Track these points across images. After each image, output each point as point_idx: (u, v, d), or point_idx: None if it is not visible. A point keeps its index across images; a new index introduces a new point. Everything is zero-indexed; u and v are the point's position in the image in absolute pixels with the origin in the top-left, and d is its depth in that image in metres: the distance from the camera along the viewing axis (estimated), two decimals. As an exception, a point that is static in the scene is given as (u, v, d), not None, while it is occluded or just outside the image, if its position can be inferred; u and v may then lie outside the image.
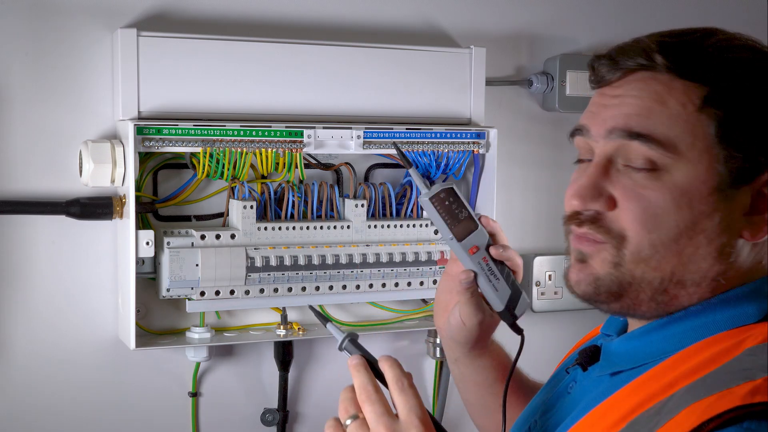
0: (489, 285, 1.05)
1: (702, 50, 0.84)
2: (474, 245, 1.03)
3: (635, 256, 0.83)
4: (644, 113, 0.83)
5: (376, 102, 1.56)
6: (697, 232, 0.82)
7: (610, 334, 0.96)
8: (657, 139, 0.82)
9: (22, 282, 1.45)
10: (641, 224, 0.82)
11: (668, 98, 0.83)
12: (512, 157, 1.73)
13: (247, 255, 1.45)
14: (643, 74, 0.85)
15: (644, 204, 0.82)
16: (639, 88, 0.85)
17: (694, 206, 0.82)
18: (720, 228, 0.82)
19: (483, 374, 1.16)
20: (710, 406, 0.73)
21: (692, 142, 0.82)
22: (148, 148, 1.40)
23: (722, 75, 0.83)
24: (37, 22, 1.42)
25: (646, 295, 0.84)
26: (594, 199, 0.84)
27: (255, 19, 1.55)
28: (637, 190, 0.83)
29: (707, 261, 0.83)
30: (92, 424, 1.51)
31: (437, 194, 1.03)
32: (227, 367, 1.60)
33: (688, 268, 0.83)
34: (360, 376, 0.91)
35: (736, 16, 1.84)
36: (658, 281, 0.83)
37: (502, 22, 1.73)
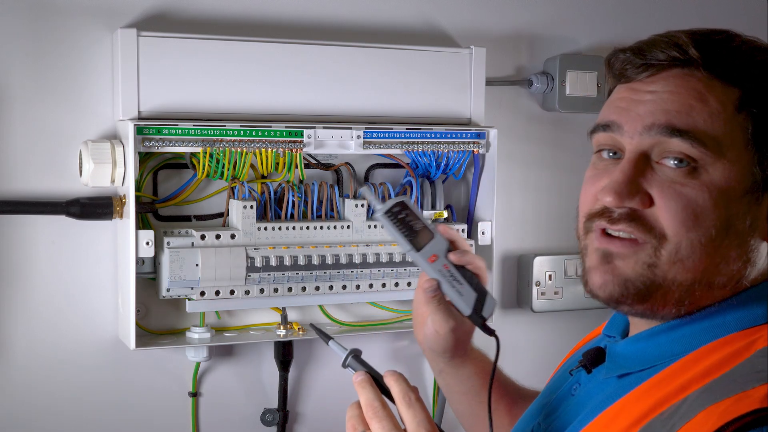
0: (453, 290, 1.05)
1: (734, 51, 0.83)
2: (433, 254, 1.05)
3: (673, 256, 0.81)
4: (685, 110, 0.81)
5: (376, 102, 1.56)
6: (730, 233, 0.81)
7: (614, 336, 0.95)
8: (699, 137, 0.80)
9: (22, 282, 1.45)
10: (681, 223, 0.81)
11: (708, 96, 0.82)
12: (512, 157, 1.73)
13: (247, 255, 1.45)
14: (678, 71, 0.83)
15: (684, 202, 0.81)
16: (677, 84, 0.83)
17: (730, 206, 0.81)
18: (750, 230, 0.82)
19: (467, 383, 1.16)
20: (728, 409, 0.73)
21: (731, 141, 0.81)
22: (148, 148, 1.40)
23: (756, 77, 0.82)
24: (37, 22, 1.42)
25: (674, 297, 0.83)
26: (631, 196, 0.82)
27: (255, 19, 1.55)
28: (676, 188, 0.81)
29: (737, 263, 0.83)
30: (92, 424, 1.51)
31: (390, 209, 1.05)
32: (227, 367, 1.60)
33: (719, 270, 0.82)
34: (366, 393, 0.91)
35: (736, 16, 1.84)
36: (689, 282, 0.82)
37: (502, 22, 1.73)
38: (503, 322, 1.75)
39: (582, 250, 0.89)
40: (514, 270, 1.78)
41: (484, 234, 1.62)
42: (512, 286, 1.78)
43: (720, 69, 0.82)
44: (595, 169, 0.88)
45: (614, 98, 0.88)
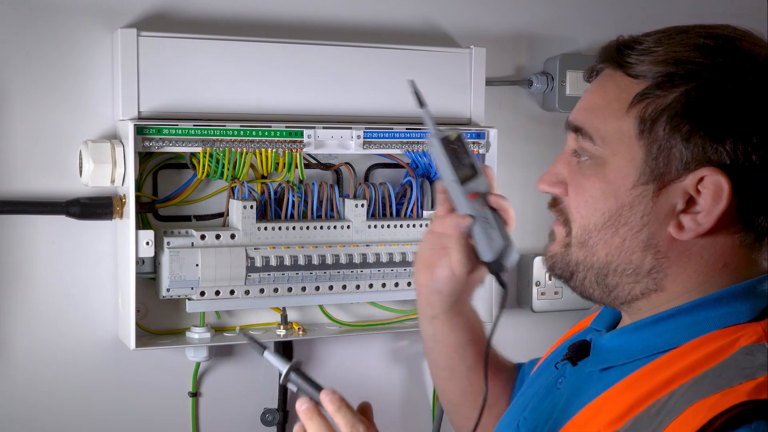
0: (483, 233, 1.04)
1: (650, 48, 0.86)
2: (474, 191, 1.04)
3: (576, 239, 0.89)
4: (589, 108, 0.89)
5: (376, 102, 1.56)
6: (621, 224, 0.86)
7: (600, 329, 0.96)
8: (589, 133, 0.87)
9: (22, 282, 1.45)
10: (577, 210, 0.89)
11: (611, 95, 0.87)
12: (512, 157, 1.73)
13: (247, 255, 1.45)
14: (608, 71, 0.89)
15: (581, 191, 0.88)
16: (598, 85, 0.90)
17: (619, 198, 0.86)
18: (643, 221, 0.85)
19: (457, 334, 1.14)
20: (716, 404, 0.74)
21: (619, 137, 0.85)
22: (148, 148, 1.40)
23: (657, 73, 0.84)
24: (37, 22, 1.43)
25: (591, 280, 0.89)
26: (551, 185, 0.92)
27: (255, 19, 1.55)
28: (579, 179, 0.89)
29: (636, 253, 0.86)
30: (92, 424, 1.51)
31: (447, 136, 1.03)
32: (227, 367, 1.60)
33: (620, 258, 0.87)
34: (314, 425, 0.91)
35: (736, 16, 1.84)
36: (597, 266, 0.88)
37: (502, 22, 1.73)
38: (503, 322, 1.74)
39: None
40: (514, 270, 1.78)
41: (484, 234, 1.62)
42: (512, 286, 1.78)
43: (626, 67, 0.86)
44: None
45: None
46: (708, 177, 0.82)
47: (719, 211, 0.82)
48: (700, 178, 0.82)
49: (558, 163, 0.92)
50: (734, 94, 0.82)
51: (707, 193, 0.82)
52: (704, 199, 0.82)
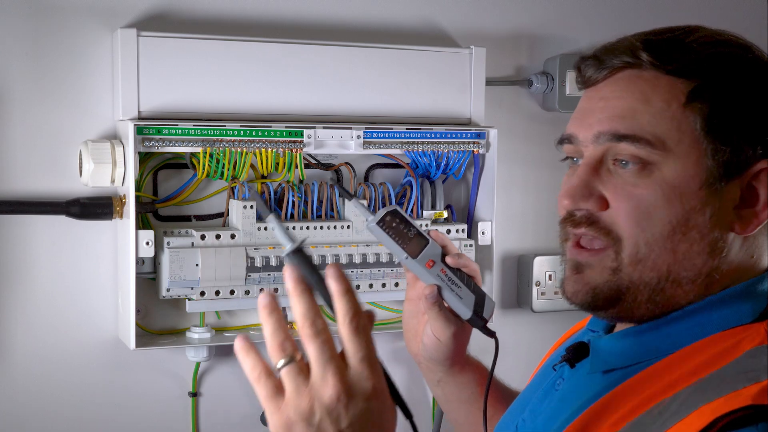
0: (452, 294, 1.05)
1: (686, 45, 0.84)
2: (429, 259, 1.05)
3: (632, 258, 0.83)
4: (629, 114, 0.83)
5: (376, 102, 1.56)
6: (689, 228, 0.82)
7: (597, 330, 0.95)
8: (644, 138, 0.82)
9: (22, 282, 1.45)
10: (634, 222, 0.82)
11: (652, 96, 0.83)
12: (512, 157, 1.73)
13: (247, 255, 1.45)
14: (629, 72, 0.85)
15: (635, 202, 0.82)
16: (623, 88, 0.85)
17: (685, 201, 0.81)
18: (711, 222, 0.82)
19: (467, 390, 1.15)
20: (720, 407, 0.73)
21: (679, 137, 0.82)
22: (148, 148, 1.40)
23: (706, 69, 0.83)
24: (37, 22, 1.43)
25: (644, 297, 0.84)
26: (585, 198, 0.84)
27: (255, 19, 1.55)
28: (627, 189, 0.83)
29: (701, 257, 0.83)
30: (92, 424, 1.51)
31: (383, 218, 1.04)
32: (227, 367, 1.60)
33: (683, 265, 0.83)
34: (304, 302, 0.73)
35: (736, 16, 1.84)
36: (655, 281, 0.83)
37: (502, 22, 1.73)
38: (503, 322, 1.75)
39: (561, 257, 0.91)
40: (514, 270, 1.78)
41: (484, 234, 1.62)
42: (512, 286, 1.78)
43: (670, 65, 0.83)
44: (566, 175, 0.91)
45: (577, 108, 0.91)
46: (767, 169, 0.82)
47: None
48: (759, 171, 0.82)
49: (583, 175, 0.85)
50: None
51: (764, 186, 0.82)
52: (762, 191, 0.82)
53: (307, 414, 0.70)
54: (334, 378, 0.70)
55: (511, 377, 1.23)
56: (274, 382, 0.72)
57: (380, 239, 1.05)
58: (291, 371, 0.71)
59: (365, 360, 0.71)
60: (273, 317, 0.73)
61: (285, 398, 0.71)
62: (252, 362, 0.73)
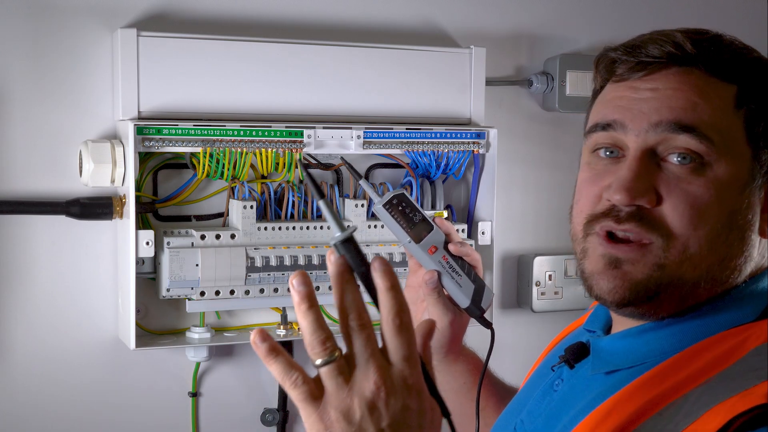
0: (452, 282, 1.05)
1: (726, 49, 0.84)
2: (432, 245, 1.05)
3: (681, 255, 0.80)
4: (690, 106, 0.81)
5: (376, 102, 1.56)
6: (732, 229, 0.81)
7: (595, 330, 0.94)
8: (705, 133, 0.80)
9: (22, 282, 1.45)
10: (689, 220, 0.80)
11: (710, 93, 0.82)
12: (512, 157, 1.73)
13: (247, 255, 1.45)
14: (676, 69, 0.83)
15: (691, 200, 0.80)
16: (678, 81, 0.82)
17: (733, 202, 0.81)
18: (749, 225, 0.83)
19: (460, 379, 1.15)
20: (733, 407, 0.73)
21: (734, 137, 0.82)
22: (148, 148, 1.40)
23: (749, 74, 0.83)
24: (37, 22, 1.42)
25: (679, 295, 0.82)
26: (641, 193, 0.81)
27: (255, 19, 1.55)
28: (682, 185, 0.80)
29: (738, 258, 0.82)
30: (92, 424, 1.51)
31: (390, 200, 1.04)
32: (227, 367, 1.60)
33: (723, 265, 0.82)
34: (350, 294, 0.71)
35: (736, 16, 1.84)
36: (694, 279, 0.81)
37: (502, 22, 1.73)
38: (503, 322, 1.75)
39: (580, 252, 0.87)
40: (514, 270, 1.78)
41: (484, 234, 1.62)
42: (512, 286, 1.78)
43: (716, 66, 0.82)
44: (592, 170, 0.87)
45: (612, 97, 0.86)
46: None
47: None
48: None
49: (639, 168, 0.81)
50: None
51: None
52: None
53: (347, 412, 0.67)
54: (377, 374, 0.67)
55: (510, 377, 1.23)
56: (311, 384, 0.69)
57: (385, 221, 1.05)
58: (333, 370, 0.68)
59: (407, 359, 0.69)
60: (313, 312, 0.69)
61: (324, 398, 0.68)
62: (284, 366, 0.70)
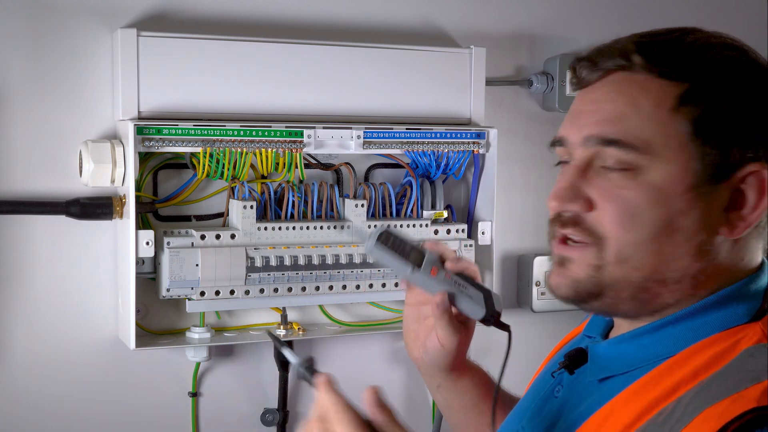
0: (464, 296, 1.05)
1: (678, 48, 0.84)
2: (432, 266, 1.04)
3: (616, 257, 0.83)
4: (617, 118, 0.83)
5: (376, 102, 1.56)
6: (675, 230, 0.82)
7: (593, 336, 0.95)
8: (630, 144, 0.82)
9: (22, 282, 1.45)
10: (619, 224, 0.82)
11: (642, 99, 0.83)
12: (512, 157, 1.73)
13: (247, 255, 1.45)
14: (621, 75, 0.85)
15: (621, 204, 0.82)
16: (614, 91, 0.85)
17: (671, 204, 0.82)
18: (698, 225, 0.82)
19: (467, 395, 1.14)
20: (726, 410, 0.73)
21: (666, 141, 0.82)
22: (148, 148, 1.40)
23: (697, 73, 0.83)
24: (37, 22, 1.42)
25: (627, 294, 0.84)
26: (571, 200, 0.85)
27: (255, 19, 1.55)
28: (614, 191, 0.83)
29: (686, 259, 0.83)
30: (92, 424, 1.51)
31: (379, 237, 1.04)
32: (227, 367, 1.60)
33: (668, 266, 0.83)
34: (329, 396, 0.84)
35: (736, 16, 1.84)
36: (639, 280, 0.83)
37: (502, 22, 1.73)
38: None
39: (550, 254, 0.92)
40: (514, 270, 1.78)
41: (484, 234, 1.62)
42: (512, 286, 1.78)
43: (661, 68, 0.83)
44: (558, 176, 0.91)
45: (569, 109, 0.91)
46: (759, 173, 0.82)
47: (765, 205, 0.82)
48: (747, 174, 0.82)
49: (570, 177, 0.86)
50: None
51: (752, 189, 0.82)
52: (754, 195, 0.82)
53: None
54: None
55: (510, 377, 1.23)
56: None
57: (381, 260, 1.04)
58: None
59: None
60: None
61: None
62: None
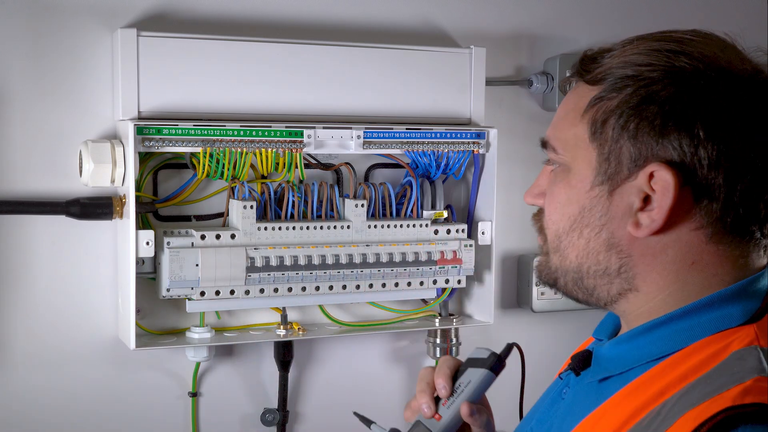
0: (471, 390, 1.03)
1: (604, 57, 0.88)
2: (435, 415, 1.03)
3: (551, 246, 0.92)
4: (555, 121, 0.93)
5: (376, 102, 1.56)
6: (584, 226, 0.88)
7: (602, 339, 0.96)
8: (552, 144, 0.91)
9: (22, 282, 1.45)
10: (549, 217, 0.92)
11: (570, 103, 0.91)
12: (512, 157, 1.73)
13: (247, 255, 1.45)
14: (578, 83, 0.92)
15: (551, 199, 0.91)
16: (566, 98, 0.94)
17: (579, 201, 0.88)
18: (602, 222, 0.87)
19: None
20: (702, 412, 0.74)
21: (575, 143, 0.88)
22: (148, 148, 1.40)
23: (606, 79, 0.86)
24: (37, 22, 1.42)
25: (570, 284, 0.92)
26: (533, 197, 0.95)
27: (255, 19, 1.55)
28: (551, 188, 0.92)
29: (600, 253, 0.87)
30: (92, 425, 1.51)
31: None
32: (227, 367, 1.60)
33: (588, 259, 0.88)
34: None
35: (736, 16, 1.84)
36: (572, 270, 0.90)
37: (502, 22, 1.73)
38: (503, 322, 1.75)
39: None
40: (514, 270, 1.78)
41: (484, 234, 1.62)
42: (512, 286, 1.78)
43: (587, 75, 0.89)
44: None
45: None
46: (657, 173, 0.83)
47: (668, 205, 0.82)
48: (651, 175, 0.83)
49: (540, 176, 0.96)
50: (677, 91, 0.83)
51: (658, 189, 0.83)
52: (657, 195, 0.83)
53: None
54: None
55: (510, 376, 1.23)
56: None
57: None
58: None
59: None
60: None
61: None
62: None
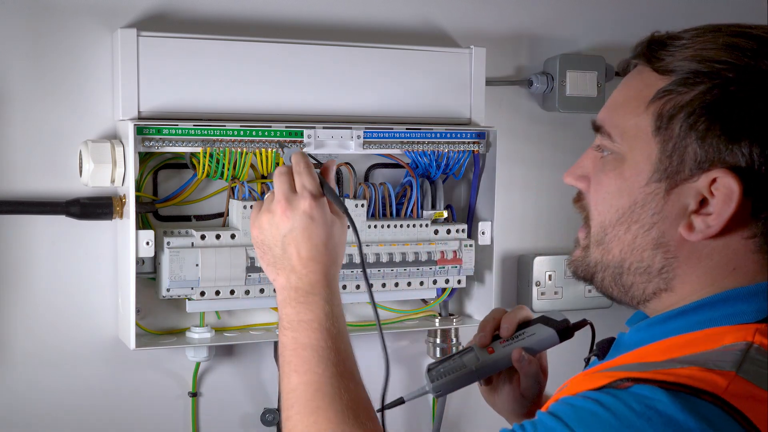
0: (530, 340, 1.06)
1: (678, 43, 0.85)
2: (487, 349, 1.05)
3: (594, 238, 0.89)
4: (613, 106, 0.89)
5: (376, 102, 1.56)
6: (633, 221, 0.86)
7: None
8: (608, 131, 0.88)
9: (22, 282, 1.45)
10: (595, 206, 0.89)
11: (632, 90, 0.87)
12: (512, 157, 1.73)
13: (247, 255, 1.45)
14: (640, 68, 0.88)
15: (600, 187, 0.89)
16: (626, 82, 0.90)
17: (631, 195, 0.86)
18: (653, 219, 0.85)
19: None
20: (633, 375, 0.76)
21: (636, 133, 0.85)
22: (148, 148, 1.40)
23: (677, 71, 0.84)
24: (37, 22, 1.42)
25: (609, 280, 0.89)
26: (576, 179, 0.92)
27: (255, 19, 1.55)
28: (599, 175, 0.89)
29: (646, 250, 0.86)
30: (92, 425, 1.51)
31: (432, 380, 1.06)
32: (227, 367, 1.60)
33: (632, 255, 0.86)
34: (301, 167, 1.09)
35: (736, 16, 1.84)
36: (613, 265, 0.88)
37: (502, 22, 1.73)
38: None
39: None
40: (514, 270, 1.78)
41: (484, 234, 1.62)
42: (512, 286, 1.78)
43: (657, 63, 0.86)
44: None
45: None
46: (720, 179, 0.81)
47: (728, 214, 0.81)
48: (713, 180, 0.81)
49: (584, 158, 0.92)
50: (756, 96, 0.80)
51: (719, 195, 0.81)
52: (716, 201, 0.82)
53: None
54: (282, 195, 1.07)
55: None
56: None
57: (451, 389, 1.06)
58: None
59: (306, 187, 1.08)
60: None
61: None
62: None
